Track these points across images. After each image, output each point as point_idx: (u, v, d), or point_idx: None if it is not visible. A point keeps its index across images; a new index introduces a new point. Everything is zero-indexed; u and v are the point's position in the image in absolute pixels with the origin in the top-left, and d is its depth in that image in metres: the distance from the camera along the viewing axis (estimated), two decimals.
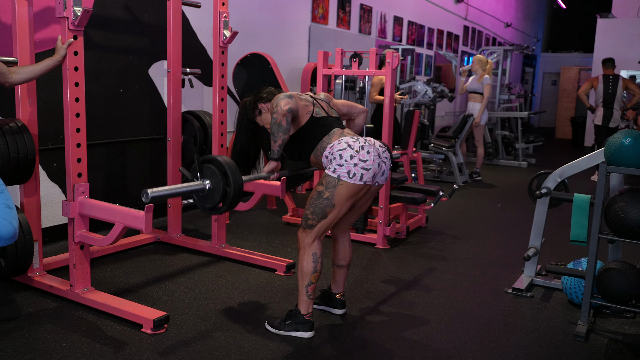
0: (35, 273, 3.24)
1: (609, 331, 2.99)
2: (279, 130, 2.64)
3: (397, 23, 9.23)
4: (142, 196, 2.27)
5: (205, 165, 2.44)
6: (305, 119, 2.76)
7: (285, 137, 2.66)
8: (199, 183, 2.42)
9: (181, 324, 2.84)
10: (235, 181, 2.38)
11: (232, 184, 2.37)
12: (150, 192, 2.27)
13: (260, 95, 2.88)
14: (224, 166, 2.38)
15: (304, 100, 2.80)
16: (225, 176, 2.37)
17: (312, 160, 2.80)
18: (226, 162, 2.40)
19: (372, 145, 2.66)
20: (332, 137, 2.71)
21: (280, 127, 2.63)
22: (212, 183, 2.41)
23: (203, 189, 2.41)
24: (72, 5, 2.73)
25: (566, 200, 3.35)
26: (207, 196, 2.43)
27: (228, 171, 2.37)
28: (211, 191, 2.41)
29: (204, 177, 2.43)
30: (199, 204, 2.49)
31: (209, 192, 2.42)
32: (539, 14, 19.08)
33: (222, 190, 2.38)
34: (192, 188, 2.40)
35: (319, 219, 2.67)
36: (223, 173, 2.38)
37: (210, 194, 2.42)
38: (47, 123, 3.78)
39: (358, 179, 2.59)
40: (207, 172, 2.42)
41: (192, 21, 5.03)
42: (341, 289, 3.06)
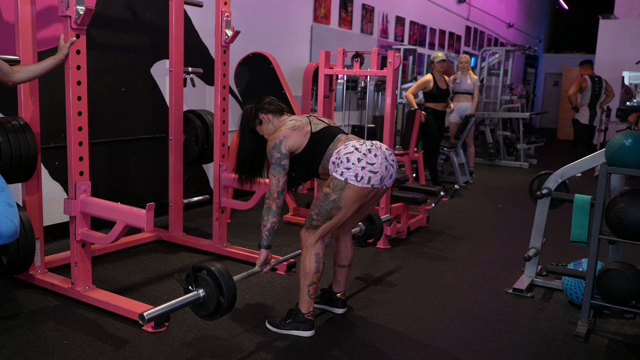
0: (36, 271, 3.25)
1: (609, 332, 3.00)
2: (269, 214, 2.71)
3: (399, 23, 9.23)
4: (139, 320, 2.28)
5: (200, 275, 2.45)
6: (305, 140, 2.74)
7: (274, 220, 2.72)
8: (194, 294, 2.41)
9: (182, 322, 2.85)
10: (229, 291, 2.39)
11: (226, 295, 2.38)
12: (147, 315, 2.28)
13: (261, 105, 2.88)
14: (218, 278, 2.38)
15: (300, 125, 2.77)
16: (219, 286, 2.39)
17: (321, 171, 2.78)
18: (219, 272, 2.40)
19: (379, 149, 2.66)
20: (338, 143, 2.71)
21: (270, 210, 2.70)
22: (206, 292, 2.42)
23: (198, 299, 2.42)
24: (75, 4, 2.74)
25: (567, 200, 3.35)
26: (202, 305, 2.45)
27: (222, 281, 2.38)
28: (206, 300, 2.42)
29: (199, 286, 2.44)
30: (194, 311, 2.51)
31: (204, 301, 2.43)
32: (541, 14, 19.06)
33: (216, 301, 2.39)
34: (186, 301, 2.40)
35: (323, 220, 2.67)
36: (217, 284, 2.39)
37: (205, 303, 2.43)
38: (50, 121, 3.79)
39: (366, 182, 2.59)
40: (202, 281, 2.43)
41: (194, 20, 5.03)
42: (342, 288, 3.06)
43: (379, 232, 3.44)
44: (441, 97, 6.40)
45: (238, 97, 5.64)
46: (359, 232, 3.44)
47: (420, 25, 10.04)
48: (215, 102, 3.85)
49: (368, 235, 3.47)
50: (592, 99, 8.24)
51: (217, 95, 3.84)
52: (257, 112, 2.87)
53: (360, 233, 3.45)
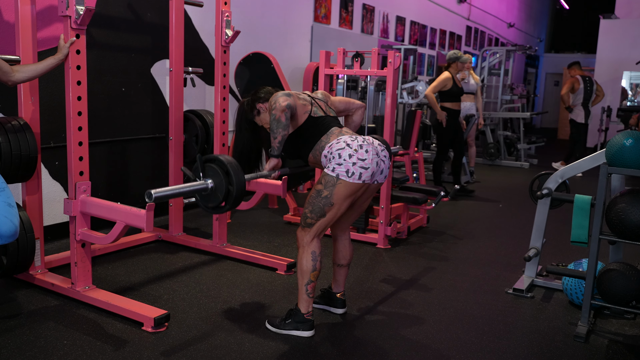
0: (36, 271, 3.25)
1: (609, 332, 2.99)
2: (279, 127, 2.65)
3: (399, 23, 9.23)
4: (146, 196, 2.28)
5: (208, 165, 2.44)
6: (303, 118, 2.76)
7: (285, 133, 2.67)
8: (201, 182, 2.42)
9: (182, 322, 2.85)
10: (238, 180, 2.38)
11: (234, 183, 2.37)
12: (154, 193, 2.28)
13: (258, 95, 2.87)
14: (227, 165, 2.38)
15: (302, 99, 2.80)
16: (228, 175, 2.37)
17: (311, 159, 2.80)
18: (228, 161, 2.41)
19: (371, 144, 2.66)
20: (331, 136, 2.72)
21: (280, 123, 2.64)
22: (214, 182, 2.41)
23: (206, 188, 2.42)
24: (75, 4, 2.74)
25: (567, 201, 3.35)
26: (210, 195, 2.44)
27: (230, 170, 2.37)
28: (214, 190, 2.42)
29: (207, 177, 2.43)
30: (201, 204, 2.50)
31: (211, 192, 2.42)
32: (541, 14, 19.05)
33: (225, 189, 2.38)
34: (195, 187, 2.41)
35: (317, 217, 2.68)
36: (225, 172, 2.38)
37: (212, 193, 2.42)
38: (50, 121, 3.79)
39: (357, 178, 2.60)
40: (210, 171, 2.42)
41: (194, 20, 5.03)
42: (341, 288, 3.06)
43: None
44: (458, 97, 6.37)
45: (238, 97, 5.64)
46: None
47: (420, 25, 10.03)
48: (216, 102, 3.85)
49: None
50: (585, 98, 8.43)
51: (217, 95, 3.84)
52: (254, 102, 2.87)
53: None
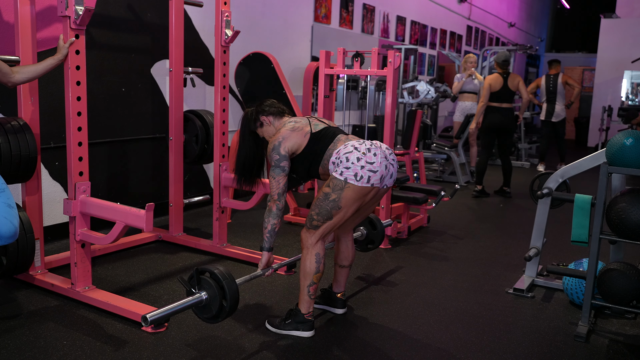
0: (36, 271, 3.25)
1: (610, 332, 2.99)
2: (269, 216, 2.71)
3: (400, 23, 9.22)
4: (142, 322, 2.27)
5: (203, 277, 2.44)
6: (305, 140, 2.74)
7: (275, 222, 2.73)
8: (196, 297, 2.41)
9: (181, 322, 2.85)
10: (232, 295, 2.39)
11: (228, 298, 2.38)
12: (149, 317, 2.27)
13: (261, 108, 2.87)
14: (222, 281, 2.38)
15: (300, 126, 2.77)
16: (222, 289, 2.38)
17: (321, 172, 2.77)
18: (222, 275, 2.40)
19: (379, 148, 2.65)
20: (337, 143, 2.71)
21: (271, 212, 2.71)
22: (209, 294, 2.42)
23: (200, 302, 2.42)
24: (74, 4, 2.73)
25: (567, 200, 3.34)
26: (205, 307, 2.44)
27: (225, 286, 2.37)
28: (208, 302, 2.42)
29: (201, 289, 2.43)
30: (197, 314, 2.51)
31: (206, 303, 2.43)
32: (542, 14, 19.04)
33: (219, 304, 2.39)
34: (189, 303, 2.40)
35: (324, 220, 2.67)
36: (220, 287, 2.38)
37: (207, 305, 2.43)
38: (50, 122, 3.79)
39: (365, 182, 2.59)
40: (205, 283, 2.42)
41: (194, 20, 5.03)
42: (342, 288, 3.06)
43: (380, 237, 3.44)
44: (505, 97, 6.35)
45: (238, 97, 5.64)
46: (360, 237, 3.43)
47: (421, 24, 10.03)
48: (215, 102, 3.85)
49: (369, 239, 3.46)
50: (548, 94, 8.38)
51: (217, 95, 3.83)
52: (258, 114, 2.87)
53: (362, 237, 3.44)
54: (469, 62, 7.74)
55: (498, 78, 6.28)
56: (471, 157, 7.81)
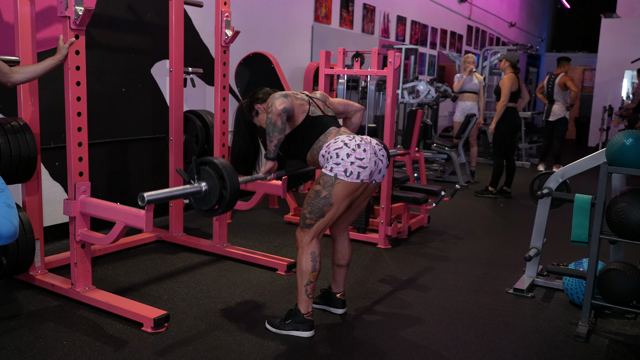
0: (36, 271, 3.26)
1: (610, 332, 2.98)
2: (274, 130, 2.65)
3: (400, 23, 9.22)
4: (139, 200, 2.28)
5: (202, 168, 2.44)
6: (301, 118, 2.76)
7: (281, 136, 2.67)
8: (195, 186, 2.41)
9: (181, 322, 2.85)
10: (232, 184, 2.38)
11: (228, 187, 2.36)
12: (147, 196, 2.27)
13: (256, 96, 2.88)
14: (221, 169, 2.37)
15: (300, 99, 2.80)
16: (222, 179, 2.37)
17: (309, 159, 2.80)
18: (223, 165, 2.40)
19: (369, 144, 2.66)
20: (329, 136, 2.72)
21: (276, 126, 2.64)
22: (208, 185, 2.41)
23: (200, 192, 2.41)
24: (74, 5, 2.74)
25: (567, 200, 3.34)
26: (204, 198, 2.43)
27: (225, 174, 2.36)
28: (208, 193, 2.41)
29: (201, 179, 2.42)
30: (195, 206, 2.50)
31: (205, 195, 2.41)
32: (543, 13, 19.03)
33: (219, 193, 2.37)
34: (188, 191, 2.40)
35: (317, 218, 2.67)
36: (220, 176, 2.37)
37: (206, 197, 2.42)
38: (50, 122, 3.79)
39: (355, 177, 2.60)
40: (204, 174, 2.41)
41: (194, 20, 5.03)
42: (341, 288, 3.06)
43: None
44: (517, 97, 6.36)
45: (239, 97, 5.64)
46: None
47: (421, 24, 10.03)
48: (215, 102, 3.85)
49: None
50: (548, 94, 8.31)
51: (217, 95, 3.83)
52: (253, 103, 2.88)
53: None
54: (467, 62, 7.73)
55: (515, 79, 6.24)
56: (471, 157, 7.80)
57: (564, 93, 8.18)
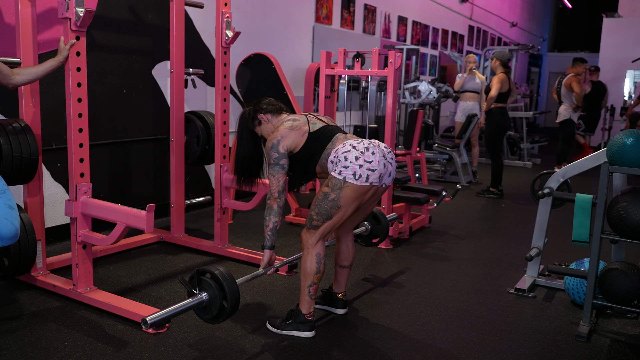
0: (38, 272, 3.26)
1: (611, 332, 2.98)
2: (270, 214, 2.71)
3: (401, 23, 9.22)
4: (142, 324, 2.27)
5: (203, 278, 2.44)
6: (303, 139, 2.75)
7: (276, 219, 2.72)
8: (197, 298, 2.41)
9: (182, 323, 2.85)
10: (232, 296, 2.39)
11: (229, 299, 2.38)
12: (149, 320, 2.27)
13: (259, 106, 2.88)
14: (222, 282, 2.38)
15: (297, 125, 2.77)
16: (222, 290, 2.38)
17: (318, 170, 2.78)
18: (223, 276, 2.40)
19: (377, 147, 2.66)
20: (336, 142, 2.71)
21: (272, 210, 2.71)
22: (209, 295, 2.42)
23: (201, 303, 2.42)
24: (75, 6, 2.74)
25: (568, 200, 3.34)
26: (206, 308, 2.44)
27: (225, 287, 2.37)
28: (209, 303, 2.42)
29: (202, 290, 2.43)
30: (198, 315, 2.51)
31: (207, 305, 2.43)
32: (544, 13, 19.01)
33: (219, 305, 2.39)
34: (190, 305, 2.40)
35: (324, 219, 2.67)
36: (220, 287, 2.39)
37: (208, 306, 2.43)
38: (51, 123, 3.80)
39: (364, 180, 2.59)
40: (205, 284, 2.43)
41: (195, 22, 5.04)
42: (343, 288, 3.06)
43: (384, 232, 3.44)
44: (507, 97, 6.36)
45: (240, 97, 5.65)
46: (365, 232, 3.44)
47: (422, 25, 10.03)
48: (216, 103, 3.85)
49: (373, 234, 3.47)
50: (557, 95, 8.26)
51: (218, 96, 3.84)
52: (256, 113, 2.88)
53: (366, 232, 3.45)
54: (467, 62, 7.74)
55: (505, 79, 6.22)
56: (473, 157, 7.80)
57: (570, 94, 8.07)
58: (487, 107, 6.24)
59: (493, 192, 6.46)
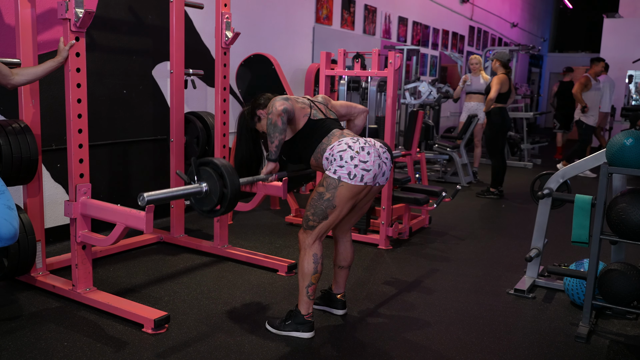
0: (38, 273, 3.26)
1: (611, 332, 2.98)
2: (275, 131, 2.66)
3: (401, 23, 9.22)
4: (139, 200, 2.28)
5: (202, 168, 2.44)
6: (302, 121, 2.76)
7: (282, 137, 2.67)
8: (196, 186, 2.42)
9: (182, 324, 2.85)
10: (233, 183, 2.38)
11: (229, 186, 2.37)
12: (147, 196, 2.27)
13: (257, 102, 2.88)
14: (221, 168, 2.38)
15: (301, 103, 2.80)
16: (222, 178, 2.37)
17: (313, 163, 2.80)
18: (222, 164, 2.40)
19: (373, 146, 2.66)
20: (332, 138, 2.71)
21: (276, 127, 2.65)
22: (209, 185, 2.41)
23: (200, 192, 2.41)
24: (74, 7, 2.75)
25: (568, 201, 3.34)
26: (205, 199, 2.43)
27: (225, 173, 2.36)
28: (208, 194, 2.41)
29: (201, 180, 2.43)
30: (196, 207, 2.50)
31: (206, 195, 2.42)
32: (545, 13, 19.01)
33: (220, 192, 2.38)
34: (189, 191, 2.40)
35: (319, 220, 2.67)
36: (220, 175, 2.37)
37: (207, 197, 2.42)
38: (51, 124, 3.80)
39: (359, 180, 2.60)
40: (204, 174, 2.42)
41: (195, 22, 5.04)
42: (342, 289, 3.06)
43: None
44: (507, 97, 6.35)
45: (239, 98, 5.65)
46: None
47: (423, 25, 10.02)
48: (216, 103, 3.86)
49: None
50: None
51: (218, 96, 3.84)
52: (255, 109, 2.88)
53: None
54: (470, 63, 7.73)
55: (505, 79, 6.21)
56: (475, 158, 7.79)
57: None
58: (487, 108, 6.24)
59: (493, 193, 6.46)
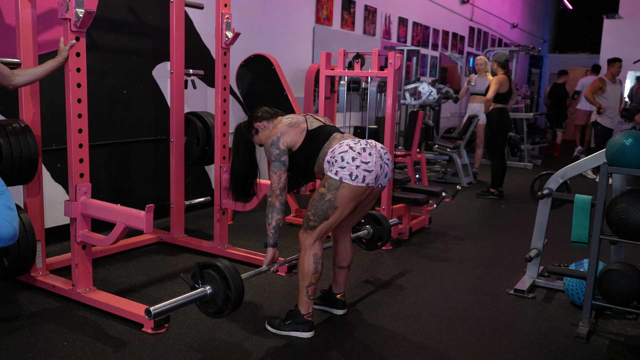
0: (38, 273, 3.27)
1: (611, 332, 2.98)
2: (272, 211, 2.71)
3: (402, 24, 9.23)
4: (146, 315, 2.28)
5: (205, 271, 2.45)
6: (302, 137, 2.76)
7: (279, 217, 2.72)
8: (200, 290, 2.41)
9: (182, 323, 2.86)
10: (236, 285, 2.38)
11: (232, 288, 2.38)
12: (153, 310, 2.27)
13: (254, 115, 2.89)
14: (224, 271, 2.38)
15: (295, 122, 2.79)
16: (225, 280, 2.38)
17: (316, 170, 2.79)
18: (225, 266, 2.40)
19: (374, 147, 2.66)
20: (333, 141, 2.71)
21: (274, 208, 2.71)
22: (213, 288, 2.42)
23: (205, 296, 2.42)
24: (75, 7, 2.75)
25: (567, 201, 3.34)
26: (210, 301, 2.44)
27: (228, 275, 2.37)
28: (213, 296, 2.42)
29: (205, 283, 2.43)
30: (202, 310, 2.50)
31: (211, 298, 2.43)
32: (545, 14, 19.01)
33: (224, 294, 2.39)
34: (194, 297, 2.40)
35: (320, 220, 2.67)
36: (223, 277, 2.38)
37: (212, 299, 2.43)
38: (51, 124, 3.81)
39: (360, 181, 2.60)
40: (207, 277, 2.43)
41: (195, 22, 5.05)
42: (342, 289, 3.06)
43: (387, 233, 3.44)
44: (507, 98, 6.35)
45: (240, 98, 5.65)
46: (367, 235, 3.44)
47: (423, 26, 10.03)
48: (216, 103, 3.86)
49: (377, 237, 3.47)
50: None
51: (218, 96, 3.84)
52: (251, 122, 2.89)
53: (368, 236, 3.45)
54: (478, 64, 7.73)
55: (505, 79, 6.22)
56: (476, 158, 7.79)
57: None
58: (486, 109, 6.24)
59: (493, 193, 6.46)
